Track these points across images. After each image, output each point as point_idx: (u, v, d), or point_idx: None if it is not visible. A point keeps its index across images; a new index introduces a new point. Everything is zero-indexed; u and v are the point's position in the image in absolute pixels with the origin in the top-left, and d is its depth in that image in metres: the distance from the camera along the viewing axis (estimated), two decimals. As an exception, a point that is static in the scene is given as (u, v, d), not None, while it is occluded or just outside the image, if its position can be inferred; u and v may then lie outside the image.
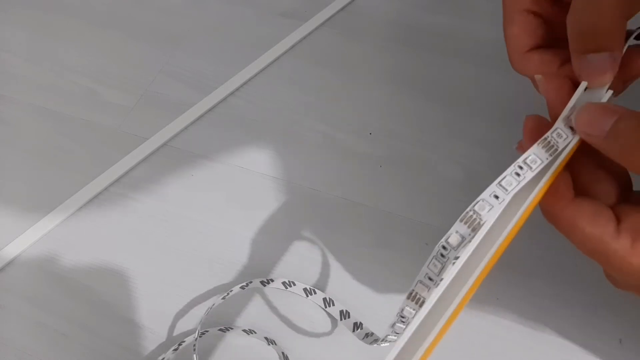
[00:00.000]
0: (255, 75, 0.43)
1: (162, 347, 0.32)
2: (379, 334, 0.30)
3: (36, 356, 0.32)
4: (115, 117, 0.42)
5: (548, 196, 0.23)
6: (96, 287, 0.34)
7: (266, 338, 0.32)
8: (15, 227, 0.37)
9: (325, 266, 0.34)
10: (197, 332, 0.30)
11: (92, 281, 0.35)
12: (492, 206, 0.20)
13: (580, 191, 0.24)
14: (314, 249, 0.35)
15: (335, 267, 0.34)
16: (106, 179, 0.38)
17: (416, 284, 0.20)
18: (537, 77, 0.26)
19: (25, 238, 0.36)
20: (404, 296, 0.20)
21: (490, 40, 0.43)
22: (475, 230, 0.20)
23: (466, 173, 0.37)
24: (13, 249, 0.36)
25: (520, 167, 0.21)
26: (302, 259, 0.35)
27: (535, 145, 0.22)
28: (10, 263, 0.36)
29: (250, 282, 0.33)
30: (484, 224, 0.20)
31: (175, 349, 0.31)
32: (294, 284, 0.33)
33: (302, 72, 0.43)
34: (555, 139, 0.22)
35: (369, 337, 0.30)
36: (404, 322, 0.21)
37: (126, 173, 0.39)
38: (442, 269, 0.19)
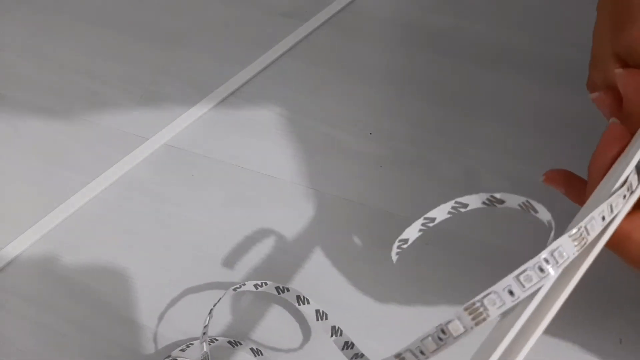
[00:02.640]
0: (256, 75, 0.43)
1: (162, 347, 0.32)
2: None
3: (36, 356, 0.32)
4: (115, 117, 0.42)
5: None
6: (96, 287, 0.34)
7: None
8: (15, 227, 0.37)
9: (325, 266, 0.34)
10: (205, 322, 0.29)
11: (92, 281, 0.35)
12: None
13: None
14: (313, 249, 0.35)
15: (335, 267, 0.34)
16: (106, 179, 0.38)
17: (405, 351, 0.20)
18: (618, 70, 0.24)
19: (25, 238, 0.36)
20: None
21: (491, 41, 0.43)
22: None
23: (466, 173, 0.37)
24: (13, 249, 0.36)
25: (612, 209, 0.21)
26: (301, 258, 0.35)
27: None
28: (10, 263, 0.36)
29: (266, 284, 0.32)
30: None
31: (183, 349, 0.31)
32: (308, 302, 0.31)
33: (303, 72, 0.43)
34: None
35: None
36: None
37: (126, 173, 0.39)
38: (438, 349, 0.19)
